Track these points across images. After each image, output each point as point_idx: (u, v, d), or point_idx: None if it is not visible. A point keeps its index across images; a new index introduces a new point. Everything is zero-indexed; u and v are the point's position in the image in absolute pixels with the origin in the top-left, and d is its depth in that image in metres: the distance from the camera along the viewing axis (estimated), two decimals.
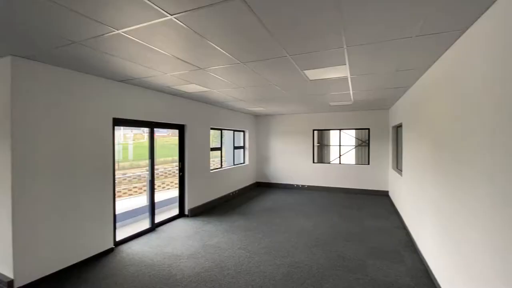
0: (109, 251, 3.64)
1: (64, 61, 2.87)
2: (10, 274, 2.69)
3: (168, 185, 8.64)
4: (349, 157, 8.44)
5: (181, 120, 5.20)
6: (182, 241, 4.04)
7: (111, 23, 1.95)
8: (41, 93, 2.89)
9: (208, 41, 2.31)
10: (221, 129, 6.91)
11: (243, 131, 8.28)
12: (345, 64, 2.98)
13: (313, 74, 3.38)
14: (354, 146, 8.44)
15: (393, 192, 6.34)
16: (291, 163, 8.39)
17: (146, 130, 4.67)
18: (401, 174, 5.20)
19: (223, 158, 7.09)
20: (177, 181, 5.40)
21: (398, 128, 6.14)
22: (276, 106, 6.47)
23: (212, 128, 6.36)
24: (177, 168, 5.38)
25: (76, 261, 3.23)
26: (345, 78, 3.64)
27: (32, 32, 2.11)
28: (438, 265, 2.79)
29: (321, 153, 9.02)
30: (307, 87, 4.18)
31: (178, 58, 2.77)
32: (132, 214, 5.39)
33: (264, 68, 3.15)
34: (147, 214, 5.26)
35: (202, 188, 5.83)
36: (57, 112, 3.05)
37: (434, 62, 2.90)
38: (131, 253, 3.61)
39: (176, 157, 5.42)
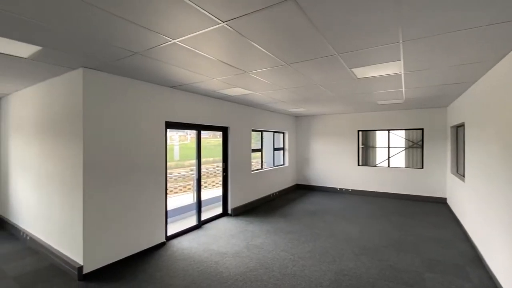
0: (161, 245, 3.92)
1: (124, 71, 3.17)
2: (80, 261, 3.05)
3: (209, 184, 8.99)
4: (398, 160, 7.81)
5: (224, 123, 5.37)
6: (226, 239, 4.17)
7: (168, 33, 2.10)
8: (105, 100, 3.25)
9: (256, 45, 2.34)
10: (261, 131, 6.97)
11: (283, 133, 8.23)
12: (399, 60, 2.77)
13: (362, 72, 3.21)
14: (404, 148, 7.80)
15: (453, 199, 5.69)
16: (334, 166, 8.08)
17: (189, 132, 4.93)
18: (463, 180, 4.63)
19: (263, 160, 7.14)
20: (217, 180, 5.61)
21: (458, 128, 5.50)
22: (318, 106, 6.30)
23: (253, 130, 6.45)
24: (218, 168, 5.58)
25: (134, 252, 3.54)
26: (398, 75, 3.38)
27: (100, 46, 2.37)
28: None
29: (365, 155, 8.51)
30: (354, 85, 3.98)
31: (224, 63, 2.87)
32: (180, 211, 5.69)
33: (309, 68, 3.09)
34: (193, 212, 5.56)
35: (244, 188, 5.94)
36: (119, 116, 3.38)
37: (508, 53, 2.53)
38: (181, 248, 3.83)
39: (217, 158, 5.61)
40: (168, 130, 4.16)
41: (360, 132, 7.83)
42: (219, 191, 5.83)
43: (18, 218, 4.45)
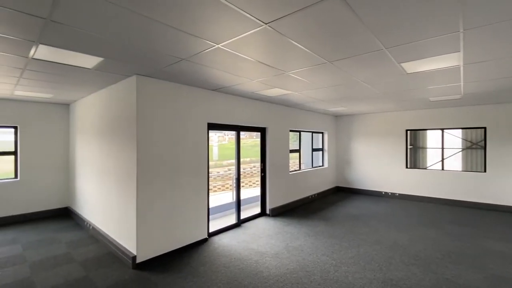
0: (204, 241, 4.10)
1: (171, 76, 3.40)
2: (133, 251, 3.34)
3: (246, 184, 9.14)
4: (454, 162, 7.01)
5: (262, 123, 5.42)
6: (265, 239, 4.19)
7: (213, 39, 2.19)
8: (155, 103, 3.51)
9: (297, 44, 2.32)
10: (299, 131, 6.86)
11: (322, 133, 8.00)
12: (459, 51, 2.49)
13: (412, 66, 2.96)
14: (461, 149, 6.98)
15: None
16: (378, 168, 7.59)
17: (227, 133, 5.06)
18: None
19: (301, 160, 7.02)
20: (254, 180, 5.66)
21: None
22: (360, 105, 5.99)
23: (291, 130, 6.39)
24: (255, 168, 5.63)
25: (179, 246, 3.76)
26: (456, 68, 3.04)
27: (152, 54, 2.57)
28: None
29: (414, 157, 7.83)
30: (403, 81, 3.69)
31: (264, 64, 2.89)
32: (219, 209, 5.88)
33: (353, 65, 2.95)
34: (231, 210, 5.71)
35: (282, 189, 5.91)
36: (166, 118, 3.63)
37: None
38: (222, 245, 3.96)
39: (254, 158, 5.67)
40: (209, 131, 4.33)
41: (409, 132, 7.23)
42: (256, 191, 5.90)
43: (82, 210, 5.06)
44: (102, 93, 4.26)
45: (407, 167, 7.14)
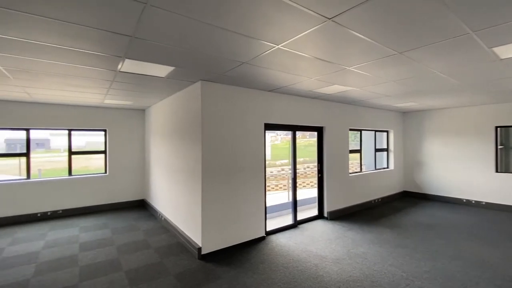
0: (261, 239, 4.18)
1: (231, 80, 3.56)
2: (199, 243, 3.61)
3: (300, 184, 8.97)
4: None
5: (319, 122, 5.24)
6: (325, 243, 4.04)
7: (273, 40, 2.21)
8: (217, 106, 3.73)
9: (363, 37, 2.16)
10: (360, 130, 6.41)
11: (387, 131, 7.31)
12: None
13: (508, 50, 2.46)
14: None
15: None
16: (457, 171, 6.55)
17: (279, 132, 5.05)
18: None
19: (362, 162, 6.55)
20: (309, 181, 5.51)
21: None
22: (434, 99, 5.27)
23: (350, 129, 6.02)
24: (309, 169, 5.47)
25: (239, 242, 3.92)
26: None
27: (216, 60, 2.74)
28: None
29: (506, 159, 6.50)
30: (494, 69, 3.11)
31: (324, 61, 2.78)
32: (274, 209, 5.90)
33: (429, 55, 2.60)
34: (286, 211, 5.69)
35: (341, 191, 5.62)
36: (226, 120, 3.83)
37: None
38: (279, 245, 3.97)
39: (307, 158, 5.51)
40: (266, 131, 4.40)
41: (499, 129, 6.04)
42: (310, 192, 5.74)
43: (155, 202, 5.72)
44: (171, 99, 4.74)
45: (497, 171, 5.98)
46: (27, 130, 5.45)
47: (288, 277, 3.04)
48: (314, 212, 5.42)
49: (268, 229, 4.42)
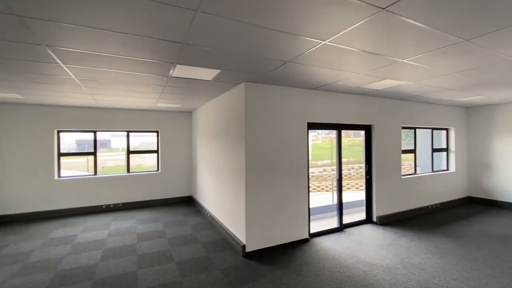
0: (305, 241, 4.09)
1: (274, 79, 3.55)
2: (243, 241, 3.69)
3: (343, 187, 8.54)
4: None
5: (367, 120, 4.92)
6: (374, 249, 3.78)
7: (319, 36, 2.14)
8: (260, 107, 3.76)
9: (421, 25, 1.95)
10: (414, 128, 5.84)
11: (446, 129, 6.53)
12: None
13: None
14: None
15: None
16: None
17: (320, 132, 4.88)
18: None
19: (417, 163, 5.96)
20: (353, 183, 5.20)
21: None
22: (509, 91, 4.54)
23: (403, 127, 5.52)
24: (353, 169, 5.16)
25: (282, 243, 3.90)
26: None
27: (261, 61, 2.76)
28: None
29: None
30: None
31: (374, 54, 2.59)
32: (316, 211, 5.73)
33: (505, 40, 2.24)
34: (330, 213, 5.47)
35: (392, 195, 5.20)
36: (269, 120, 3.83)
37: None
38: (324, 248, 3.84)
39: (351, 159, 5.22)
40: (309, 130, 4.29)
41: None
42: (355, 195, 5.41)
43: (202, 199, 6.01)
44: (216, 101, 4.93)
45: None
46: (94, 132, 6.22)
47: (334, 282, 2.91)
48: (361, 216, 5.11)
49: (311, 231, 4.31)
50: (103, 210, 6.11)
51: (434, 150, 6.34)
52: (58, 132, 5.89)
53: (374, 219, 4.97)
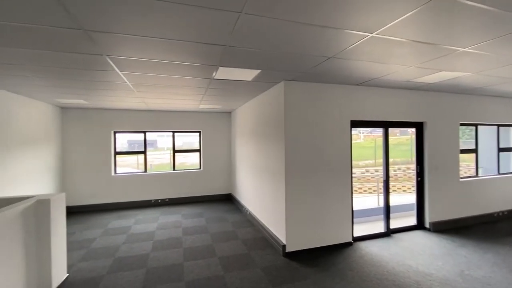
0: (348, 244, 3.91)
1: (314, 77, 3.46)
2: (284, 240, 3.67)
3: (390, 188, 7.94)
4: None
5: (418, 117, 4.51)
6: (428, 258, 3.45)
7: (365, 28, 2.02)
8: (299, 105, 3.70)
9: (487, 7, 1.72)
10: (475, 125, 5.19)
11: None
12: None
13: None
14: None
15: None
16: None
17: (362, 130, 4.60)
18: None
19: (478, 164, 5.28)
20: (400, 185, 4.78)
21: None
22: None
23: (461, 124, 4.94)
24: (399, 170, 4.75)
25: (323, 245, 3.78)
26: None
27: (300, 59, 2.70)
28: None
29: None
30: None
31: (429, 44, 2.36)
32: (360, 214, 5.43)
33: None
34: (375, 217, 5.14)
35: (448, 199, 4.69)
36: (310, 119, 3.75)
37: None
38: (369, 253, 3.63)
39: (397, 159, 4.80)
40: (352, 129, 4.08)
41: None
42: (402, 198, 4.99)
43: (241, 197, 6.14)
44: (255, 101, 4.99)
45: None
46: (144, 132, 6.77)
47: None
48: (412, 221, 4.71)
49: (355, 235, 4.10)
50: (152, 204, 6.62)
51: (501, 150, 5.55)
52: (114, 133, 6.54)
53: (427, 225, 4.54)
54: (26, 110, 4.59)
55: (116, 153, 6.59)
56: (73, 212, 5.97)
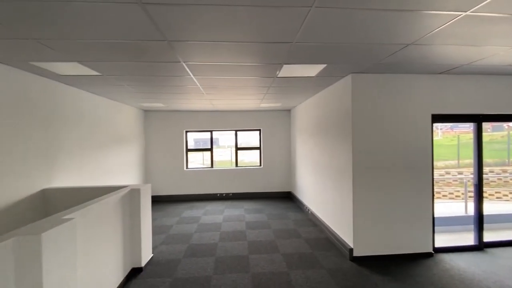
0: (428, 255, 3.46)
1: (387, 68, 3.15)
2: (350, 244, 3.47)
3: (490, 194, 6.68)
4: None
5: None
6: None
7: (457, 7, 1.73)
8: (369, 99, 3.43)
9: None
10: None
11: None
12: None
13: None
14: None
15: None
16: None
17: (440, 126, 3.92)
18: None
19: None
20: (493, 191, 3.93)
21: None
22: None
23: None
24: (492, 173, 3.88)
25: (396, 253, 3.44)
26: None
27: (371, 49, 2.49)
28: None
29: None
30: None
31: None
32: (443, 221, 4.73)
33: None
34: (462, 227, 4.42)
35: None
36: (381, 113, 3.43)
37: None
38: (455, 268, 3.14)
39: (489, 160, 3.94)
40: (433, 124, 3.58)
41: None
42: (496, 207, 4.11)
43: (302, 195, 6.07)
44: (316, 97, 4.84)
45: None
46: (211, 131, 7.31)
47: None
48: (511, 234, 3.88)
49: (436, 245, 3.60)
50: (217, 198, 7.11)
51: None
52: (186, 132, 7.26)
53: None
54: (120, 114, 5.48)
55: (188, 150, 7.30)
56: (155, 201, 6.88)
